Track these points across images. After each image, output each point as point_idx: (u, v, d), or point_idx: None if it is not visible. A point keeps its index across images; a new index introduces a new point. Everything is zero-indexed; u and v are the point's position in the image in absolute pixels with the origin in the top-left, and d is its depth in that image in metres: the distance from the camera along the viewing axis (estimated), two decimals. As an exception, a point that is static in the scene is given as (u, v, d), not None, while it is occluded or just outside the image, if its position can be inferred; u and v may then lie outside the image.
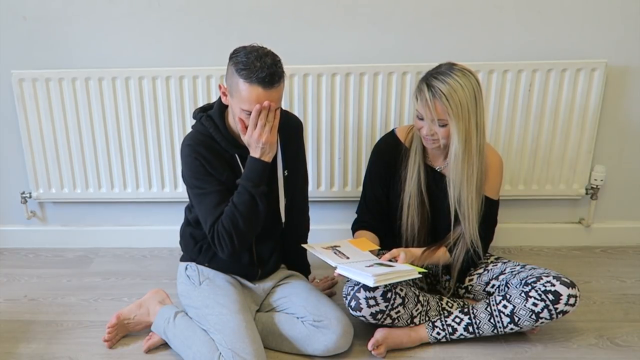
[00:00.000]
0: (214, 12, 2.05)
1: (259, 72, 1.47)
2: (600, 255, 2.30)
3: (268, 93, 1.50)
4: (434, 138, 1.64)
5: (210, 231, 1.61)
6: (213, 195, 1.61)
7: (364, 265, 1.58)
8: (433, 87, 1.57)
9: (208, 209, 1.62)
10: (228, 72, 1.55)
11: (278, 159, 1.71)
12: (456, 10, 2.04)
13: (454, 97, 1.55)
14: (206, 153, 1.61)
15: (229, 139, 1.62)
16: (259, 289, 1.81)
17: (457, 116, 1.57)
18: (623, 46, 2.08)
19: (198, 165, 1.61)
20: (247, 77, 1.48)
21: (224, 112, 1.65)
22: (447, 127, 1.60)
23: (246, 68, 1.48)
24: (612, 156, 2.24)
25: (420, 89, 1.60)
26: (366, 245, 1.73)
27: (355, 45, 2.08)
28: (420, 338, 1.72)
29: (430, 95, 1.56)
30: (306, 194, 1.90)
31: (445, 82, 1.56)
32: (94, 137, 2.20)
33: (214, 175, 1.62)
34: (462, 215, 1.71)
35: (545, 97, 2.10)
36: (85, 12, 2.06)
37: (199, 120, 1.65)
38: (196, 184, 1.63)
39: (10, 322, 1.89)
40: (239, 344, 1.54)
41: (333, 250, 1.67)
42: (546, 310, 1.61)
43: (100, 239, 2.38)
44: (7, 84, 2.15)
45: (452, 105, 1.55)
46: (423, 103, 1.59)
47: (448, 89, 1.55)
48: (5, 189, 2.34)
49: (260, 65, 1.47)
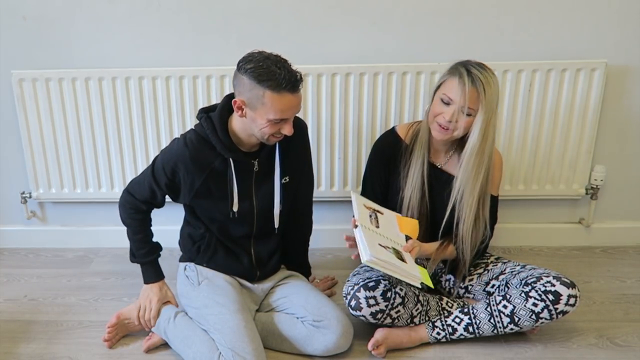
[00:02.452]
0: (214, 12, 2.05)
1: (285, 80, 1.44)
2: (600, 255, 2.30)
3: (296, 98, 1.49)
4: (452, 127, 1.60)
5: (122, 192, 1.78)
6: (148, 188, 1.70)
7: (378, 242, 1.55)
8: (472, 73, 1.55)
9: (138, 185, 1.73)
10: (243, 85, 1.50)
11: (276, 165, 1.71)
12: (456, 10, 2.04)
13: (487, 89, 1.55)
14: (188, 162, 1.62)
15: (225, 143, 1.61)
16: (258, 289, 1.81)
17: (486, 109, 1.56)
18: (623, 46, 2.08)
19: (165, 175, 1.65)
20: (275, 87, 1.44)
21: (226, 115, 1.63)
22: (471, 117, 1.58)
23: (270, 78, 1.44)
24: (612, 156, 2.23)
25: (459, 72, 1.57)
26: (408, 228, 1.68)
27: (355, 45, 2.08)
28: (420, 338, 1.72)
29: (469, 80, 1.54)
30: (310, 199, 1.90)
31: (482, 73, 1.56)
32: (94, 137, 2.20)
33: (169, 188, 1.69)
34: (458, 214, 1.70)
35: (545, 97, 2.10)
36: (85, 12, 2.06)
37: (200, 121, 1.64)
38: (151, 174, 1.68)
39: (10, 322, 1.89)
40: (238, 343, 1.54)
41: (371, 212, 1.64)
42: (546, 310, 1.61)
43: (100, 239, 2.38)
44: (7, 84, 2.15)
45: (486, 96, 1.54)
46: (460, 87, 1.55)
47: (486, 80, 1.55)
48: (5, 189, 2.34)
49: (282, 71, 1.45)
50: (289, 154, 1.72)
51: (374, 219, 1.63)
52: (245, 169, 1.67)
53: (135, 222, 1.76)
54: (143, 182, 1.71)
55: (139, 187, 1.73)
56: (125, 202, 1.76)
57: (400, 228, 1.69)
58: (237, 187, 1.67)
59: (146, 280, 1.81)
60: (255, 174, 1.69)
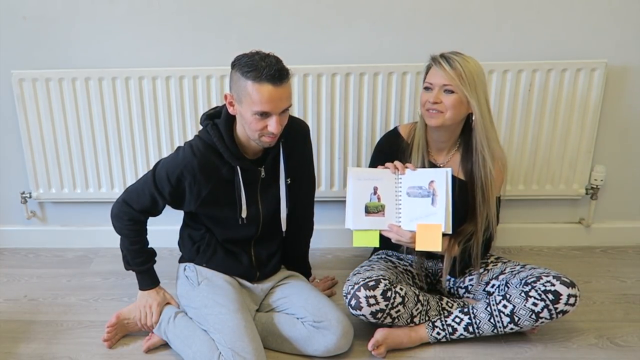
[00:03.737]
0: (214, 12, 2.05)
1: (267, 70, 1.46)
2: (600, 255, 2.30)
3: (278, 90, 1.49)
4: (440, 109, 1.63)
5: (117, 201, 1.73)
6: (148, 197, 1.67)
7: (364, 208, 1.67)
8: (445, 56, 1.64)
9: (137, 194, 1.69)
10: (233, 79, 1.53)
11: (281, 167, 1.71)
12: (456, 10, 2.04)
13: (466, 66, 1.61)
14: (196, 171, 1.61)
15: (232, 151, 1.61)
16: (257, 289, 1.81)
17: (473, 83, 1.61)
18: (623, 46, 2.08)
19: (169, 184, 1.63)
20: (255, 77, 1.47)
21: (231, 121, 1.63)
22: (455, 95, 1.61)
23: (253, 69, 1.47)
24: (612, 156, 2.24)
25: (434, 59, 1.66)
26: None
27: (355, 45, 2.08)
28: (420, 338, 1.72)
29: (443, 60, 1.62)
30: (312, 200, 1.90)
31: (458, 55, 1.64)
32: (94, 137, 2.20)
33: (172, 197, 1.66)
34: (484, 196, 1.70)
35: (545, 97, 2.10)
36: (85, 12, 2.07)
37: (205, 128, 1.63)
38: (153, 183, 1.65)
39: (10, 322, 1.89)
40: (238, 343, 1.54)
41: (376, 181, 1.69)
42: (546, 310, 1.61)
43: (100, 239, 2.38)
44: (7, 84, 2.15)
45: (465, 71, 1.60)
46: (436, 69, 1.63)
47: (461, 59, 1.62)
48: (5, 189, 2.34)
49: (266, 64, 1.47)
50: (292, 155, 1.73)
51: (376, 190, 1.69)
52: (251, 176, 1.67)
53: (132, 232, 1.74)
54: (143, 191, 1.68)
55: (137, 197, 1.69)
56: (121, 213, 1.71)
57: None
58: (245, 194, 1.67)
59: (142, 287, 1.80)
60: (261, 180, 1.69)
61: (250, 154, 1.66)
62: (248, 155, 1.66)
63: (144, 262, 1.77)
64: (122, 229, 1.74)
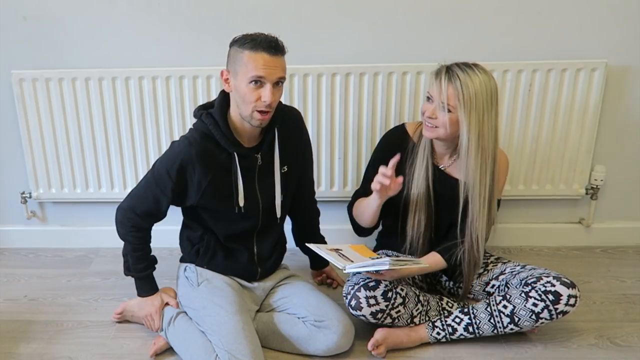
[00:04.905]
0: (214, 12, 2.05)
1: (264, 40, 1.51)
2: (600, 255, 2.30)
3: (273, 60, 1.52)
4: (434, 124, 1.62)
5: (120, 208, 1.73)
6: (151, 198, 1.67)
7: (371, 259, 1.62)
8: (452, 71, 1.58)
9: (138, 198, 1.69)
10: (230, 55, 1.57)
11: (275, 155, 1.71)
12: (456, 11, 2.04)
13: (469, 86, 1.55)
14: (195, 161, 1.61)
15: (228, 137, 1.61)
16: (258, 288, 1.81)
17: (468, 106, 1.56)
18: (623, 46, 2.08)
19: (170, 180, 1.62)
20: (252, 47, 1.51)
21: (225, 109, 1.64)
22: (452, 115, 1.58)
23: (250, 40, 1.52)
24: (612, 156, 2.23)
25: (439, 71, 1.61)
26: (366, 252, 1.73)
27: (355, 45, 2.08)
28: (420, 338, 1.72)
29: (446, 77, 1.57)
30: (312, 181, 1.95)
31: (465, 71, 1.57)
32: (94, 137, 2.20)
33: (175, 193, 1.65)
34: (472, 215, 1.69)
35: (545, 97, 2.10)
36: (85, 12, 2.06)
37: (200, 118, 1.64)
38: (154, 182, 1.65)
39: (10, 322, 1.89)
40: (235, 345, 1.54)
41: (337, 253, 1.67)
42: (546, 310, 1.61)
43: (100, 239, 2.38)
44: (7, 84, 2.15)
45: (464, 93, 1.55)
46: (437, 84, 1.59)
47: (465, 78, 1.56)
48: (5, 189, 2.34)
49: (265, 36, 1.53)
50: (287, 142, 1.72)
51: (343, 257, 1.65)
52: (248, 163, 1.67)
53: (136, 239, 1.74)
54: (144, 193, 1.68)
55: (139, 200, 1.69)
56: (125, 220, 1.71)
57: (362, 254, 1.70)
58: (242, 182, 1.67)
59: (141, 293, 1.80)
60: (258, 168, 1.69)
61: (246, 141, 1.66)
62: (244, 142, 1.65)
63: (144, 269, 1.78)
64: (126, 235, 1.74)
